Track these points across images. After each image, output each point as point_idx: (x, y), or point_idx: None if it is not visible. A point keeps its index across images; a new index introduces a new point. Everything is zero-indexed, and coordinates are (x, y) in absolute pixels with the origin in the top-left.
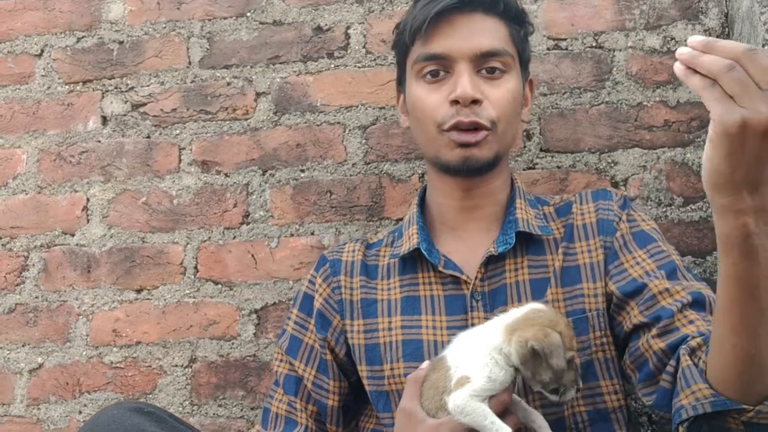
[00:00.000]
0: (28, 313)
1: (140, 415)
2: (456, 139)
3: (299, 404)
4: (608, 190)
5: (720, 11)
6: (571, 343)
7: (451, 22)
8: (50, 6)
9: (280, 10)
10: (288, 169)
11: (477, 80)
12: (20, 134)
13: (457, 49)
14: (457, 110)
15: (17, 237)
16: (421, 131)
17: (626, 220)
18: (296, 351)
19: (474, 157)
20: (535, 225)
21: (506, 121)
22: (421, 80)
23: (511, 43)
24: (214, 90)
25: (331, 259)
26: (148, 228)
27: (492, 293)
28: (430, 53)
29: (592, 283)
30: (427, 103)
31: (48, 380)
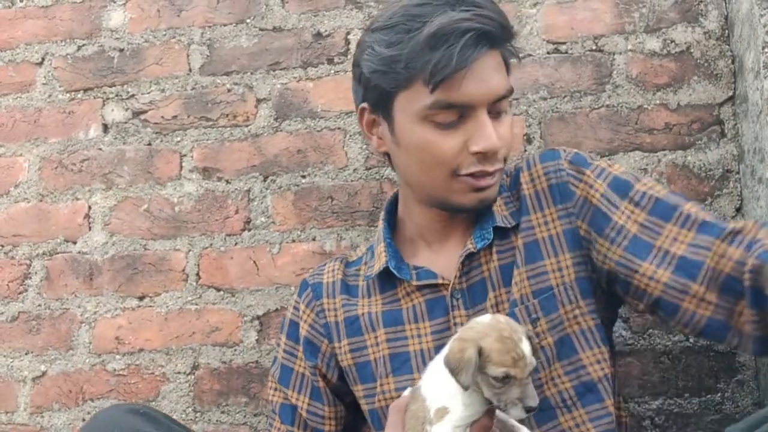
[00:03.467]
0: (31, 321)
1: (135, 415)
2: (475, 185)
3: None
4: (556, 149)
5: (720, 13)
6: (501, 358)
7: (471, 67)
8: (51, 14)
9: (280, 16)
10: (289, 175)
11: (493, 125)
12: (21, 142)
13: (478, 96)
14: (480, 159)
15: (19, 245)
16: (426, 175)
17: (594, 176)
18: (288, 380)
19: (489, 198)
20: (507, 215)
21: (509, 155)
22: (429, 124)
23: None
24: (215, 97)
25: (312, 283)
26: (150, 235)
27: (471, 289)
28: (452, 102)
29: (554, 258)
30: (440, 148)
31: (51, 388)
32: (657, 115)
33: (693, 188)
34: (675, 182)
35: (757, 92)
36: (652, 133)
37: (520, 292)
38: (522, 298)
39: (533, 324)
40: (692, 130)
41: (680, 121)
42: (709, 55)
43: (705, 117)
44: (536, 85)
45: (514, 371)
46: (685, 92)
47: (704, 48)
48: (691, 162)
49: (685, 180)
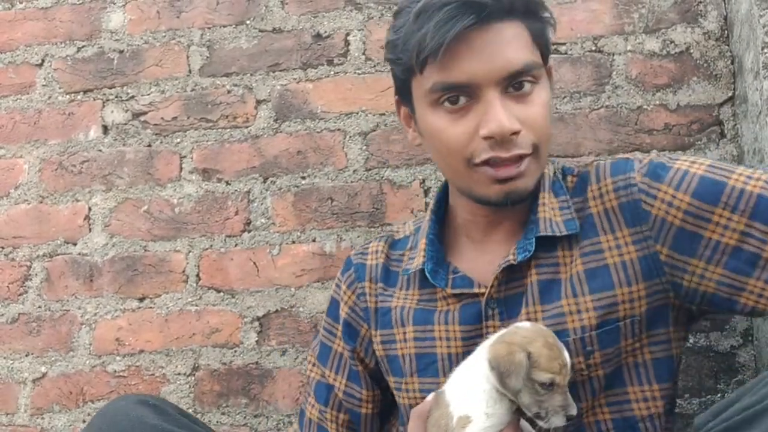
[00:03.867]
0: (31, 322)
1: (144, 407)
2: (494, 175)
3: (329, 414)
4: (630, 159)
5: (719, 14)
6: (549, 364)
7: (468, 43)
8: (50, 16)
9: (280, 17)
10: (289, 176)
11: (509, 104)
12: (21, 144)
13: (482, 74)
14: (492, 144)
15: (19, 247)
16: (445, 164)
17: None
18: (326, 358)
19: (518, 191)
20: (560, 222)
21: (546, 139)
22: (439, 109)
23: (535, 46)
24: (215, 98)
25: (356, 263)
26: (150, 236)
27: (509, 300)
28: (449, 83)
29: (626, 287)
30: (450, 136)
31: (51, 389)
32: (656, 116)
33: None
34: None
35: (757, 93)
36: (651, 134)
37: (581, 323)
38: (582, 329)
39: (587, 356)
40: (692, 130)
41: (680, 121)
42: (708, 56)
43: (704, 118)
44: None
45: (559, 378)
46: (685, 93)
47: (704, 48)
48: None
49: None
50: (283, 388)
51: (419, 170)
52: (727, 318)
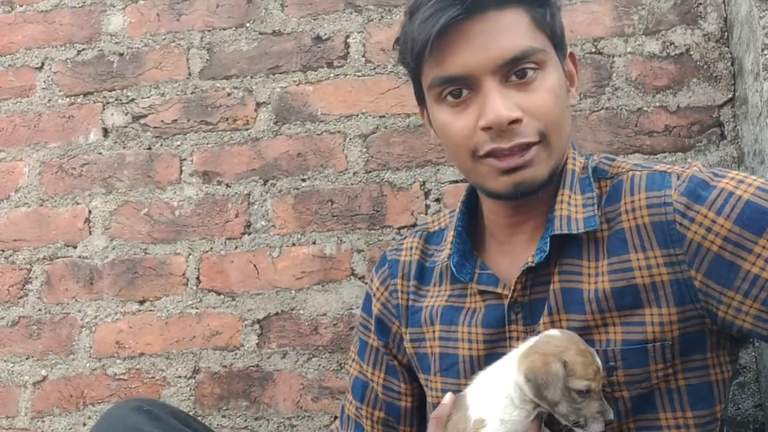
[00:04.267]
0: (32, 325)
1: (139, 413)
2: (498, 166)
3: (365, 411)
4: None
5: (719, 16)
6: (585, 371)
7: (462, 33)
8: (50, 19)
9: (280, 20)
10: (289, 179)
11: (509, 93)
12: (21, 147)
13: (476, 64)
14: (492, 135)
15: (20, 250)
16: (456, 160)
17: (715, 212)
18: (363, 353)
19: (527, 181)
20: (580, 218)
21: (557, 127)
22: (443, 103)
23: (538, 33)
24: (215, 101)
25: (390, 260)
26: (150, 239)
27: (533, 304)
28: (445, 76)
29: (656, 309)
30: (454, 130)
31: (52, 393)
32: (657, 118)
33: None
34: None
35: (757, 94)
36: (651, 136)
37: (606, 336)
38: (607, 342)
39: (609, 373)
40: (692, 132)
41: (680, 123)
42: (708, 57)
43: (705, 119)
44: None
45: (594, 384)
46: (685, 94)
47: (704, 50)
48: None
49: None
50: (283, 390)
51: (419, 172)
52: None
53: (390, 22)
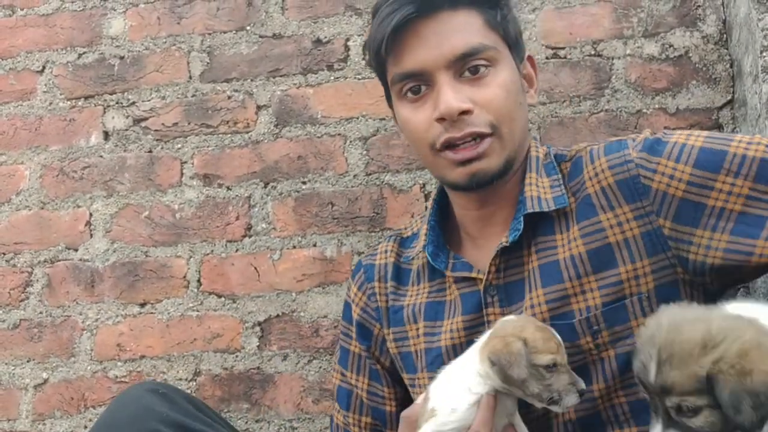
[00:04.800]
0: (33, 328)
1: (155, 395)
2: (453, 158)
3: (352, 418)
4: (623, 139)
5: (718, 18)
6: (546, 345)
7: (416, 33)
8: (51, 22)
9: (280, 23)
10: (289, 182)
11: (461, 87)
12: (23, 150)
13: (430, 60)
14: (446, 127)
15: (21, 253)
16: (419, 154)
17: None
18: (345, 361)
19: (481, 171)
20: (549, 198)
21: (509, 120)
22: (404, 100)
23: (490, 32)
24: (215, 103)
25: (365, 264)
26: (151, 242)
27: (508, 286)
28: (402, 72)
29: (630, 265)
30: (414, 124)
31: (53, 395)
32: (656, 120)
33: None
34: None
35: (756, 96)
36: None
37: (586, 303)
38: (587, 309)
39: (594, 336)
40: None
41: (679, 125)
42: (707, 60)
43: (704, 121)
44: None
45: (560, 358)
46: (684, 96)
47: (703, 52)
48: None
49: None
50: (284, 393)
51: (419, 174)
52: None
53: None
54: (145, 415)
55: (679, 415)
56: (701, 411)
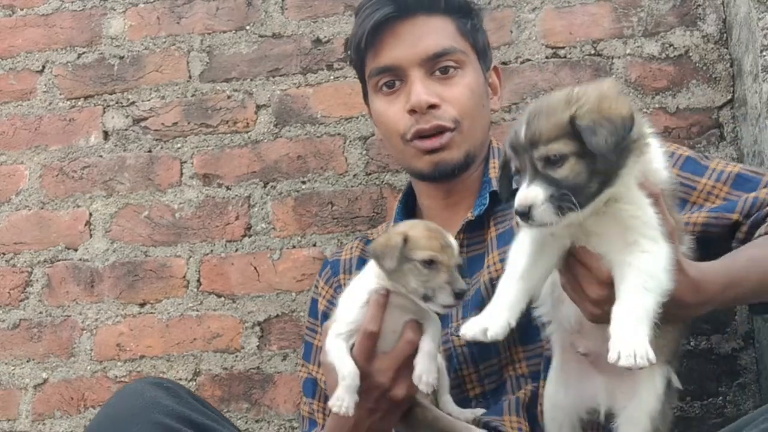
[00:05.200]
0: (32, 328)
1: (159, 389)
2: (421, 147)
3: (316, 405)
4: None
5: (718, 17)
6: (428, 243)
7: (394, 32)
8: (51, 22)
9: (279, 23)
10: (289, 181)
11: (431, 84)
12: (22, 150)
13: (405, 57)
14: (416, 119)
15: (20, 253)
16: (389, 144)
17: None
18: (309, 354)
19: (444, 161)
20: None
21: (470, 118)
22: (379, 93)
23: (460, 38)
24: (215, 103)
25: (332, 261)
26: (151, 242)
27: (471, 260)
28: (379, 66)
29: None
30: (387, 116)
31: (53, 395)
32: (656, 119)
33: None
34: None
35: (756, 95)
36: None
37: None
38: None
39: None
40: (691, 133)
41: (679, 124)
42: (707, 59)
43: (704, 120)
44: (535, 89)
45: (441, 257)
46: (684, 96)
47: (703, 52)
48: None
49: None
50: (284, 392)
51: None
52: (728, 321)
53: None
54: (150, 408)
55: (545, 168)
56: (567, 160)
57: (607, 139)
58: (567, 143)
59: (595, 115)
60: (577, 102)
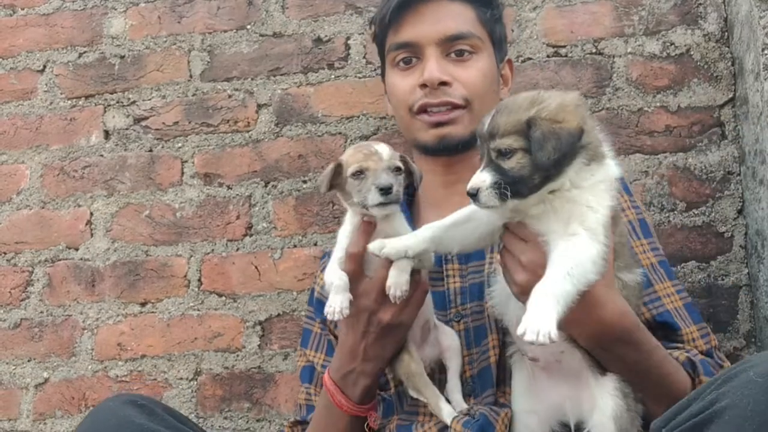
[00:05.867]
0: (34, 328)
1: (133, 407)
2: (428, 120)
3: (314, 389)
4: None
5: (719, 16)
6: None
7: (417, 11)
8: (52, 22)
9: (280, 22)
10: (290, 180)
11: (445, 64)
12: (23, 150)
13: (424, 35)
14: (426, 93)
15: (22, 252)
16: (398, 116)
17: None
18: (307, 341)
19: (450, 135)
20: None
21: (480, 100)
22: (396, 68)
23: (479, 25)
24: (216, 102)
25: (329, 251)
26: (152, 241)
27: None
28: (399, 42)
29: None
30: (399, 88)
31: (54, 395)
32: (657, 118)
33: (694, 190)
34: (676, 184)
35: (758, 94)
36: (652, 136)
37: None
38: None
39: None
40: (693, 132)
41: (681, 123)
42: (708, 57)
43: (705, 119)
44: (536, 88)
45: (367, 163)
46: (686, 94)
47: (704, 50)
48: (692, 164)
49: (686, 182)
50: (285, 392)
51: None
52: (729, 319)
53: None
54: (124, 427)
55: (497, 158)
56: (515, 153)
57: (550, 154)
58: (518, 139)
59: (547, 125)
60: (539, 105)
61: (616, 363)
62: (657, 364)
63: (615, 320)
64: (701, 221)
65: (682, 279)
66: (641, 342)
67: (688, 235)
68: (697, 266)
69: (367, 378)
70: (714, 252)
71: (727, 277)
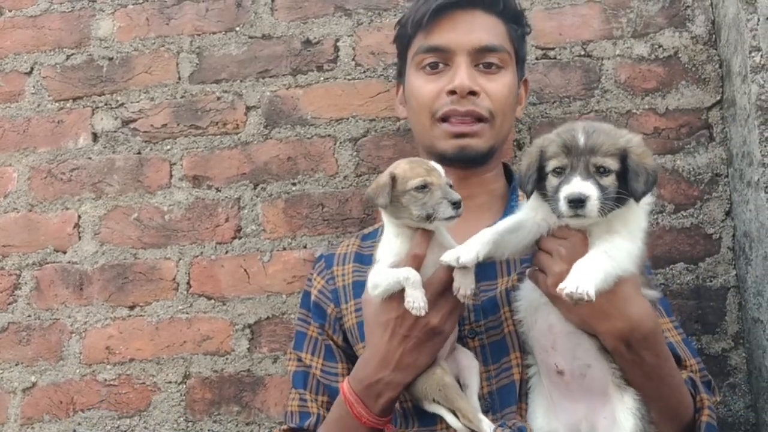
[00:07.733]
0: (21, 331)
1: None
2: (450, 130)
3: (309, 395)
4: None
5: (707, 18)
6: (415, 171)
7: (452, 18)
8: (39, 24)
9: (269, 24)
10: (279, 183)
11: (475, 74)
12: (11, 152)
13: (457, 42)
14: (453, 100)
15: (9, 255)
16: (416, 121)
17: None
18: (302, 344)
19: (470, 147)
20: None
21: (503, 115)
22: (421, 71)
23: (508, 41)
24: (204, 105)
25: (326, 255)
26: (140, 244)
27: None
28: (430, 45)
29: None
30: (424, 92)
31: (42, 399)
32: (646, 120)
33: (683, 192)
34: (665, 187)
35: (745, 96)
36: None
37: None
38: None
39: None
40: (681, 134)
41: (669, 125)
42: (696, 60)
43: (693, 121)
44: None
45: (430, 178)
46: (674, 97)
47: (692, 52)
48: (681, 166)
49: (675, 184)
50: (274, 395)
51: None
52: (718, 321)
53: (380, 26)
54: None
55: (596, 173)
56: (611, 174)
57: (643, 187)
58: (615, 162)
59: (637, 159)
60: (624, 137)
61: (637, 369)
62: (670, 372)
63: (642, 317)
64: (689, 223)
65: (670, 280)
66: (660, 345)
67: (677, 236)
68: (685, 268)
69: (394, 390)
70: (702, 254)
71: (716, 279)
